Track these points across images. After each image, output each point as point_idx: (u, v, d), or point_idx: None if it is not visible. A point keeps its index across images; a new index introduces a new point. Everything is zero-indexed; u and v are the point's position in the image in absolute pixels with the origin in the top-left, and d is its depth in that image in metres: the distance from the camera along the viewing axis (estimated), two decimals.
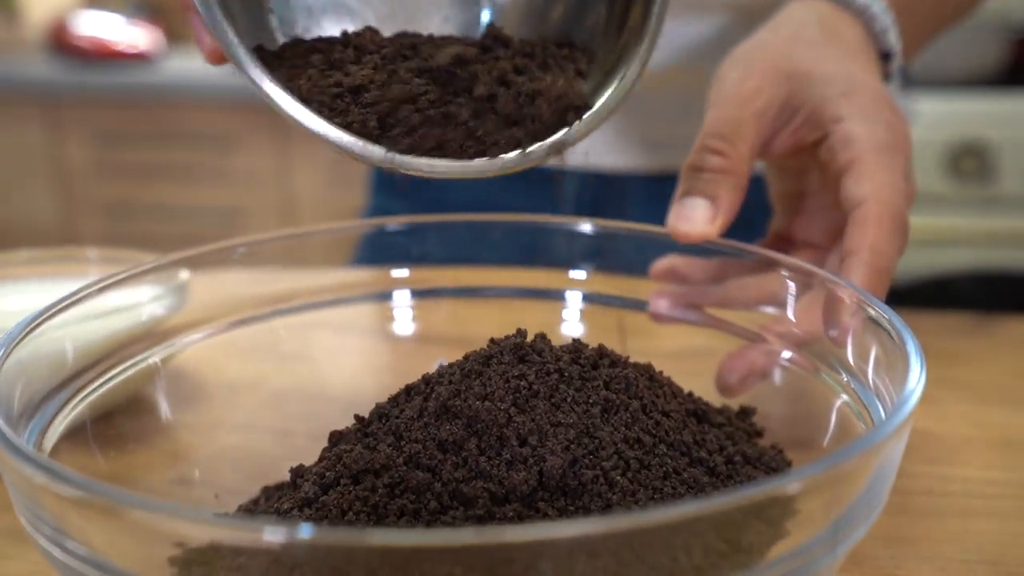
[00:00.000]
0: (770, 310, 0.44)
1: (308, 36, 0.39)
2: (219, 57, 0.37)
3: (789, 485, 0.25)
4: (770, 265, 0.43)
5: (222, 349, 0.45)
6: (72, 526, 0.26)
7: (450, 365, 0.36)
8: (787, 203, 0.49)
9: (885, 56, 0.50)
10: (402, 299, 0.50)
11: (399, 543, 0.23)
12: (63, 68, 2.12)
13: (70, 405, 0.38)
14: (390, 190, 0.82)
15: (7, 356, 0.34)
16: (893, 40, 0.50)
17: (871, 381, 0.36)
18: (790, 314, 0.42)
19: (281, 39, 0.39)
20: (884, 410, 0.33)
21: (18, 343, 0.35)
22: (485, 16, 0.41)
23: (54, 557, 0.27)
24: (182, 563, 0.25)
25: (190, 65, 2.11)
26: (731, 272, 0.46)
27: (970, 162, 1.45)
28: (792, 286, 0.42)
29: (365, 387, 0.45)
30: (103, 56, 2.15)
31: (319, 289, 0.48)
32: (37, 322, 0.36)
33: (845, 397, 0.38)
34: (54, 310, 0.37)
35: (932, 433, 0.48)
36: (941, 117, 1.45)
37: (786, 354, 0.42)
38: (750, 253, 0.44)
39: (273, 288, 0.47)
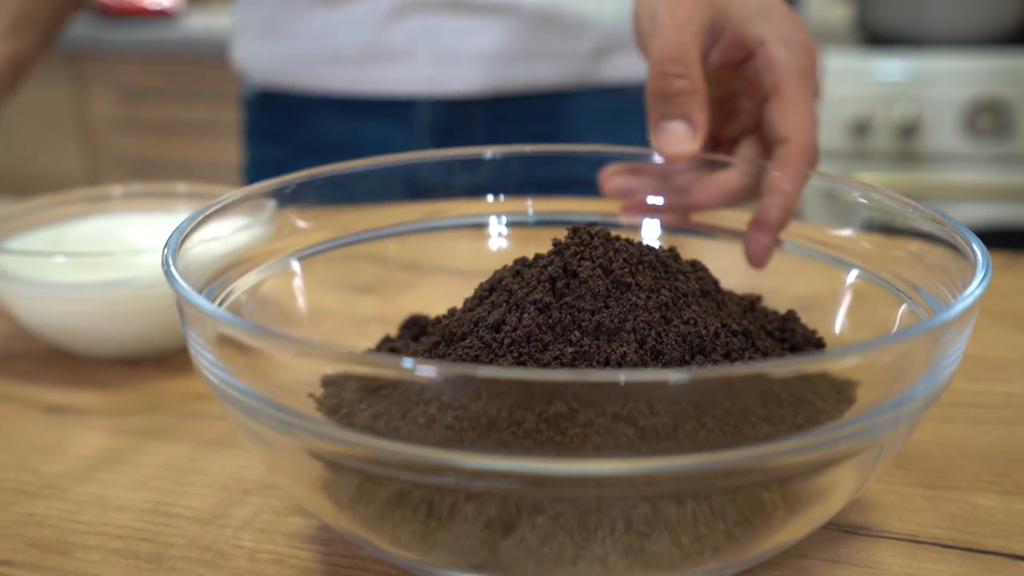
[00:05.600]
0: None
1: None
2: None
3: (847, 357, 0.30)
4: (717, 166, 0.49)
5: (306, 276, 0.47)
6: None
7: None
8: (716, 107, 0.53)
9: None
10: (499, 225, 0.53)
11: (511, 377, 0.27)
12: (86, 24, 2.14)
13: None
14: (263, 139, 0.91)
15: (176, 252, 0.37)
16: None
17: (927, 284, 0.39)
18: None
19: None
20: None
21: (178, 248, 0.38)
22: None
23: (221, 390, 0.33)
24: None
25: (212, 22, 2.13)
26: (675, 178, 0.50)
27: (986, 119, 1.47)
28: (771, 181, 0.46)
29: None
30: (126, 12, 2.16)
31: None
32: (183, 236, 0.39)
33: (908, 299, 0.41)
34: (184, 231, 0.39)
35: (973, 355, 0.52)
36: (957, 75, 1.47)
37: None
38: (720, 162, 0.49)
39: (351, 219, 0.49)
